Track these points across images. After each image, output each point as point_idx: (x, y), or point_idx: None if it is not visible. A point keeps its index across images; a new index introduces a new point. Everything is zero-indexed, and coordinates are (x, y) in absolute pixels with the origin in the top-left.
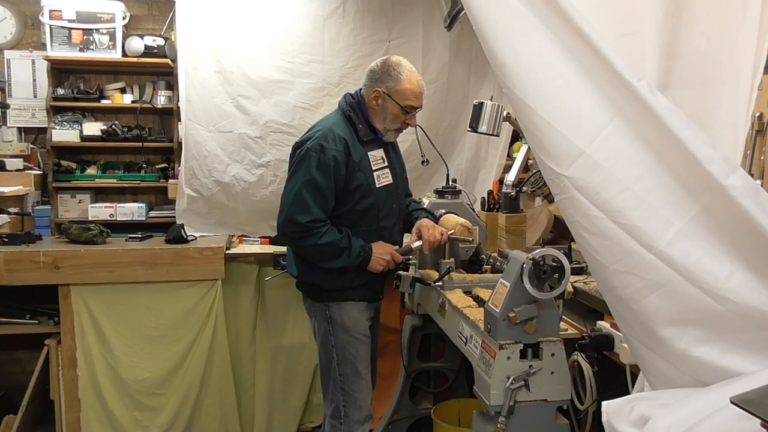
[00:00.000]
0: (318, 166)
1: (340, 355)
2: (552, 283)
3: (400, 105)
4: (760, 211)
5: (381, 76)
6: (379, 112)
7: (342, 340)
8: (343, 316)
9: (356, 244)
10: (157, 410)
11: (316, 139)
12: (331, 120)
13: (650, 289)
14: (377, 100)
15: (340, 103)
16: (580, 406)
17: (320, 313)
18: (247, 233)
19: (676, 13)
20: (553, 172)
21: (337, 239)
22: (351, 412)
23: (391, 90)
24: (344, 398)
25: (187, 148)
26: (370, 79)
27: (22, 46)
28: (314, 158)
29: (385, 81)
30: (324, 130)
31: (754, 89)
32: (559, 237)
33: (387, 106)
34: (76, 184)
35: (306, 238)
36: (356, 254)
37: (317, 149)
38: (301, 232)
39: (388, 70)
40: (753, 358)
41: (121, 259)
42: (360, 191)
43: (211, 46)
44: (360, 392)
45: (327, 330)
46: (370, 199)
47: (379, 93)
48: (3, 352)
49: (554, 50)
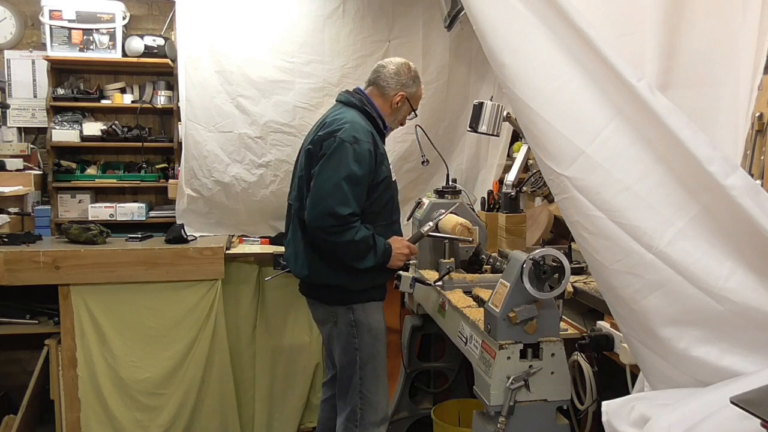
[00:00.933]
0: (355, 158)
1: (363, 358)
2: (552, 283)
3: (413, 109)
4: (760, 211)
5: (407, 80)
6: (395, 113)
7: (367, 343)
8: (369, 317)
9: (380, 242)
10: (157, 410)
11: (347, 131)
12: (349, 114)
13: (650, 289)
14: (399, 102)
15: (346, 99)
16: (580, 406)
17: (342, 318)
18: (247, 233)
19: (676, 13)
20: (553, 172)
21: (369, 236)
22: (367, 414)
23: (412, 96)
24: (362, 401)
25: (187, 148)
26: (396, 82)
27: (22, 46)
28: (349, 149)
29: (410, 86)
30: (350, 122)
31: (754, 89)
32: (559, 237)
33: (403, 109)
34: (76, 184)
35: (344, 233)
36: (381, 252)
37: (351, 140)
38: (340, 225)
39: (414, 78)
40: (753, 358)
41: (121, 259)
42: (384, 184)
43: (211, 46)
44: (377, 394)
45: (351, 333)
46: (389, 192)
47: (403, 97)
48: (3, 352)
49: (554, 50)
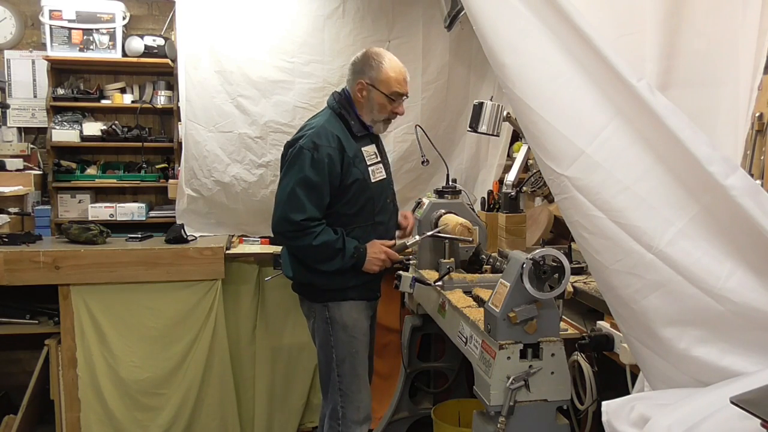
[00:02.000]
0: (312, 164)
1: (339, 356)
2: (552, 283)
3: (385, 94)
4: (760, 211)
5: (362, 67)
6: (366, 104)
7: (342, 341)
8: (343, 315)
9: (350, 246)
10: (157, 410)
11: (308, 137)
12: (321, 118)
13: (650, 289)
14: (362, 92)
15: (329, 101)
16: (580, 406)
17: (319, 314)
18: (247, 233)
19: (676, 13)
20: (553, 172)
21: (333, 240)
22: (349, 413)
23: (374, 80)
24: (342, 399)
25: (187, 148)
26: (352, 72)
27: (22, 46)
28: (307, 156)
29: (367, 72)
30: (316, 128)
31: (754, 89)
32: (559, 237)
33: (372, 97)
34: (76, 184)
35: (301, 238)
36: (350, 255)
37: (310, 147)
38: (295, 230)
39: (368, 61)
40: (753, 358)
41: (121, 259)
42: (356, 186)
43: (211, 46)
44: (358, 393)
45: (326, 330)
46: (366, 194)
47: (363, 85)
48: (3, 352)
49: (554, 50)
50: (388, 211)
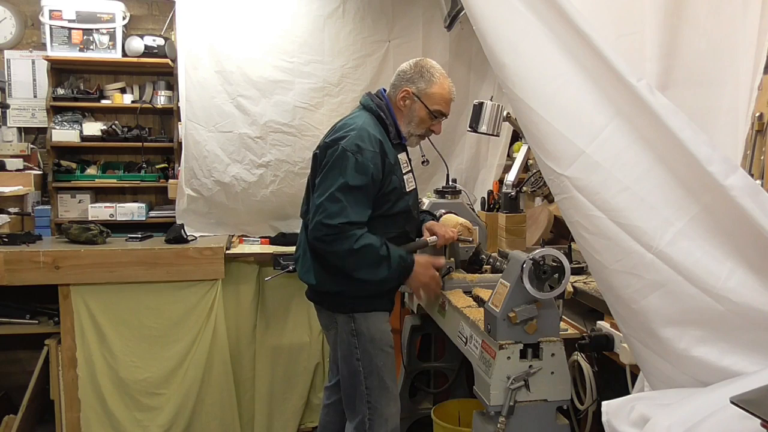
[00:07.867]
0: (355, 167)
1: (366, 369)
2: (552, 283)
3: (428, 108)
4: (760, 211)
5: (413, 76)
6: (406, 114)
7: (369, 353)
8: (370, 327)
9: (395, 254)
10: (157, 410)
11: (351, 139)
12: (360, 119)
13: (650, 289)
14: (405, 100)
15: (366, 102)
16: (580, 406)
17: (344, 326)
18: (247, 233)
19: (676, 12)
20: (553, 172)
21: (377, 245)
22: (376, 426)
23: (421, 92)
24: (370, 412)
25: (187, 148)
26: (400, 78)
27: (22, 46)
28: (351, 159)
29: (417, 82)
30: (357, 129)
31: (754, 89)
32: (559, 237)
33: (414, 108)
34: (76, 184)
35: (340, 241)
36: (396, 263)
37: (353, 149)
38: (334, 234)
39: (420, 71)
40: (753, 358)
41: (121, 259)
42: (395, 194)
43: (211, 46)
44: (387, 406)
45: (351, 343)
46: (402, 202)
47: (408, 93)
48: (3, 352)
49: (554, 50)
50: (415, 221)
